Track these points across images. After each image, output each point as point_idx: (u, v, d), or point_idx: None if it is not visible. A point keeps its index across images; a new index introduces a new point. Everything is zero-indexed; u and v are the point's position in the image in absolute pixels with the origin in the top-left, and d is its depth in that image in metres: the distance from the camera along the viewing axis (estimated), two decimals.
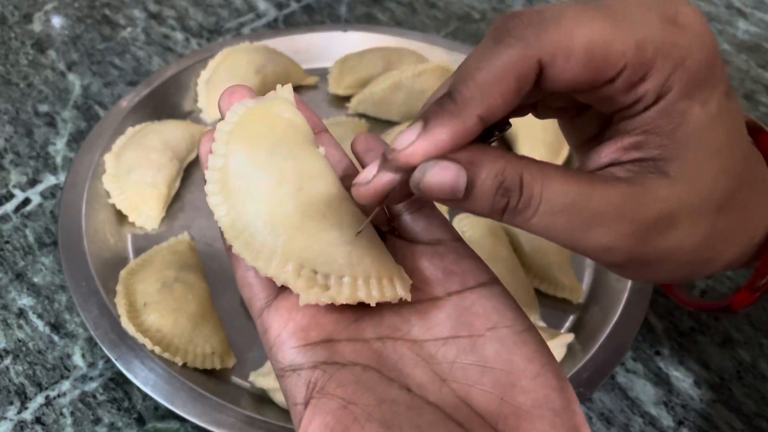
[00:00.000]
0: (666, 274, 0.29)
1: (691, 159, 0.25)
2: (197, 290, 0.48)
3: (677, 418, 0.47)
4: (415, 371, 0.27)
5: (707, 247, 0.27)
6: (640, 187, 0.26)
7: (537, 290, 0.52)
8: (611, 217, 0.25)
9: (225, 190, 0.28)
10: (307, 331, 0.27)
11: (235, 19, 0.76)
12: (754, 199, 0.28)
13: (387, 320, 0.28)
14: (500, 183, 0.25)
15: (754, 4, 0.82)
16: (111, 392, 0.46)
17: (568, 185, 0.25)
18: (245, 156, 0.29)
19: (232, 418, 0.42)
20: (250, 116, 0.30)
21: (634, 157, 0.26)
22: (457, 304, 0.28)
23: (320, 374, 0.26)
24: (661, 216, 0.26)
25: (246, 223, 0.27)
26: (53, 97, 0.65)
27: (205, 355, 0.46)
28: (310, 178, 0.29)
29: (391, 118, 0.64)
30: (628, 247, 0.26)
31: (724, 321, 0.53)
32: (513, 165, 0.25)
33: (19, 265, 0.53)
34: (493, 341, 0.27)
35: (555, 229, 0.26)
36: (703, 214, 0.26)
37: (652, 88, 0.25)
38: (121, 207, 0.54)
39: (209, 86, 0.63)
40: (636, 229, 0.26)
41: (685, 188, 0.26)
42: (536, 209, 0.25)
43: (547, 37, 0.24)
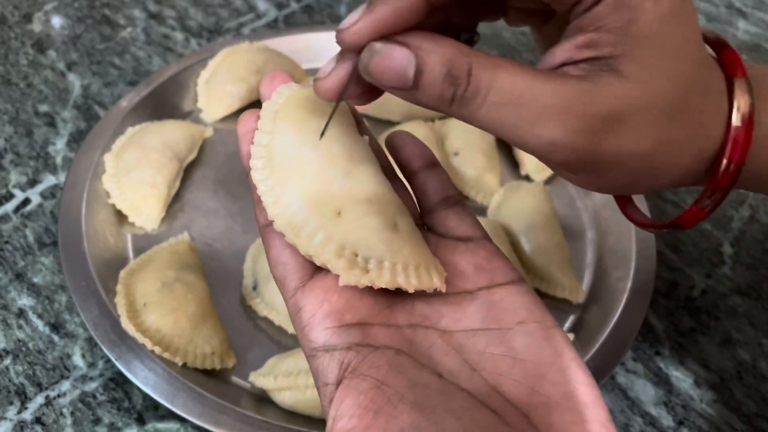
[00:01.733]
0: (615, 181, 0.28)
1: (643, 57, 0.25)
2: (197, 290, 0.48)
3: (677, 418, 0.47)
4: (446, 359, 0.27)
5: (657, 154, 0.27)
6: (592, 83, 0.25)
7: (537, 290, 0.52)
8: (560, 110, 0.25)
9: (270, 167, 0.28)
10: (342, 312, 0.28)
11: (235, 19, 0.76)
12: (707, 108, 0.27)
13: (418, 309, 0.28)
14: (449, 70, 0.25)
15: (754, 4, 0.82)
16: (111, 392, 0.46)
17: (518, 76, 0.25)
18: (293, 135, 0.29)
19: (232, 418, 0.42)
20: (297, 98, 0.30)
21: (587, 56, 0.26)
22: (486, 299, 0.28)
23: (354, 355, 0.27)
24: (612, 113, 0.25)
25: (290, 201, 0.27)
26: (53, 97, 0.65)
27: (205, 355, 0.46)
28: (357, 163, 0.29)
29: (391, 118, 0.64)
30: (576, 144, 0.25)
31: (724, 321, 0.53)
32: (463, 53, 0.25)
33: (19, 265, 0.53)
34: (523, 335, 0.27)
35: (502, 123, 0.25)
36: (653, 117, 0.26)
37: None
38: (121, 207, 0.54)
39: (209, 86, 0.63)
40: (585, 125, 0.25)
41: (636, 87, 0.25)
42: (484, 99, 0.25)
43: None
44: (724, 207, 0.61)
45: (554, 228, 0.55)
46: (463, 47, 0.25)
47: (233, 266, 0.53)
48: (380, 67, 0.25)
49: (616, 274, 0.52)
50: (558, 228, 0.55)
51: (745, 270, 0.56)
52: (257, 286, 0.51)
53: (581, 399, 0.26)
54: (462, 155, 0.59)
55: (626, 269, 0.51)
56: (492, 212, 0.57)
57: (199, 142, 0.60)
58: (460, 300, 0.29)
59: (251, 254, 0.53)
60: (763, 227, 0.59)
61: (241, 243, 0.54)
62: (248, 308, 0.51)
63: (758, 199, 0.62)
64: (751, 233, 0.59)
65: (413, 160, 0.33)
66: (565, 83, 0.25)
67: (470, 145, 0.60)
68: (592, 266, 0.55)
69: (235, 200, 0.57)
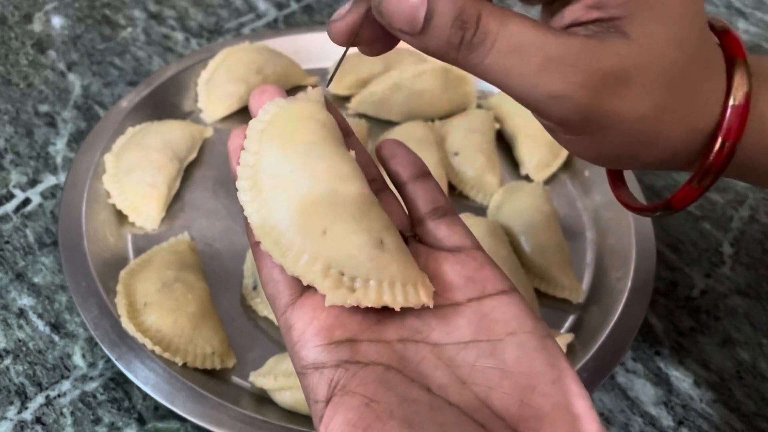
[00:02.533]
0: (612, 148, 0.28)
1: (648, 21, 0.26)
2: (197, 290, 0.48)
3: (677, 418, 0.47)
4: (436, 373, 0.27)
5: (654, 120, 0.27)
6: (599, 41, 0.26)
7: (537, 290, 0.52)
8: (566, 62, 0.25)
9: (256, 188, 0.28)
10: (331, 330, 0.28)
11: (235, 19, 0.76)
12: (706, 82, 0.28)
13: (408, 323, 0.28)
14: (458, 14, 0.25)
15: (754, 4, 0.82)
16: (111, 392, 0.46)
17: (527, 27, 0.25)
18: (278, 154, 0.29)
19: (232, 418, 0.42)
20: (283, 115, 0.30)
21: (594, 17, 0.26)
22: (476, 310, 0.28)
23: (343, 372, 0.27)
24: (615, 71, 0.26)
25: (276, 221, 0.28)
26: (53, 97, 0.65)
27: (205, 355, 0.46)
28: (343, 181, 0.29)
29: (391, 118, 0.64)
30: (577, 97, 0.26)
31: (724, 321, 0.53)
32: (474, 0, 0.25)
33: (19, 265, 0.53)
34: (513, 346, 0.27)
35: (507, 71, 0.25)
36: (654, 80, 0.26)
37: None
38: (121, 207, 0.54)
39: (209, 86, 0.63)
40: (589, 80, 0.25)
41: (640, 49, 0.26)
42: (492, 45, 0.25)
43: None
44: (724, 207, 0.61)
45: (554, 228, 0.55)
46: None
47: (233, 266, 0.53)
48: (392, 6, 0.25)
49: (616, 274, 0.52)
50: (558, 228, 0.55)
51: (745, 270, 0.56)
52: (257, 285, 0.51)
53: (573, 411, 0.26)
54: (462, 155, 0.59)
55: (626, 269, 0.51)
56: (492, 212, 0.57)
57: (199, 142, 0.60)
58: (451, 312, 0.28)
59: (251, 254, 0.53)
60: (762, 227, 0.59)
61: (241, 243, 0.54)
62: (248, 308, 0.51)
63: (758, 199, 0.62)
64: (751, 233, 0.59)
65: (403, 170, 0.33)
66: (572, 38, 0.25)
67: (470, 145, 0.60)
68: (591, 266, 0.55)
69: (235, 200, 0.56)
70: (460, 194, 0.59)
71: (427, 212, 0.31)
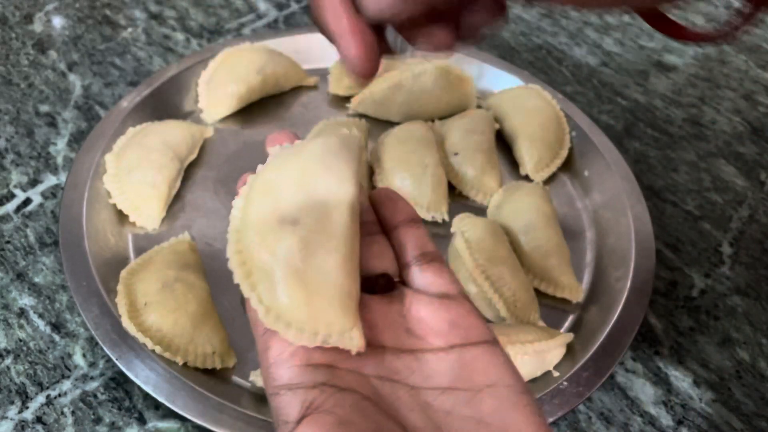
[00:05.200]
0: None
1: None
2: (198, 290, 0.48)
3: (677, 417, 0.47)
4: (411, 415, 0.27)
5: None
6: None
7: (537, 290, 0.52)
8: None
9: (246, 198, 0.30)
10: (310, 353, 0.27)
11: (236, 20, 0.76)
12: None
13: (387, 362, 0.28)
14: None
15: None
16: (112, 392, 0.46)
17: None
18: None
19: (233, 417, 0.42)
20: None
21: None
22: (458, 357, 0.28)
23: (318, 394, 0.26)
24: None
25: (253, 268, 0.28)
26: (54, 97, 0.66)
27: (205, 354, 0.46)
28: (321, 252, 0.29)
29: (391, 118, 0.64)
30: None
31: (724, 321, 0.53)
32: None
33: (20, 265, 0.53)
34: (492, 398, 0.27)
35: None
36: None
37: None
38: (122, 207, 0.54)
39: (210, 87, 0.63)
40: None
41: None
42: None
43: None
44: (723, 207, 0.61)
45: (554, 228, 0.55)
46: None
47: None
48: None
49: (616, 274, 0.52)
50: (557, 228, 0.55)
51: (745, 270, 0.56)
52: None
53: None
54: (462, 155, 0.60)
55: (625, 269, 0.52)
56: (492, 212, 0.57)
57: (199, 142, 0.60)
58: (432, 357, 0.28)
59: None
60: (762, 227, 0.59)
61: None
62: None
63: (757, 199, 0.62)
64: (751, 233, 0.59)
65: (393, 215, 0.33)
66: None
67: (470, 145, 0.60)
68: (591, 266, 0.55)
69: None
70: (460, 194, 0.59)
71: (414, 257, 0.31)
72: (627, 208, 0.55)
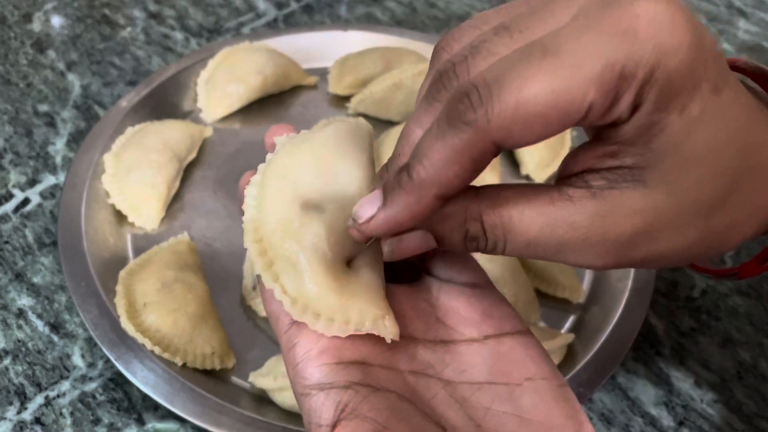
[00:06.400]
0: (663, 265, 0.27)
1: (670, 167, 0.23)
2: (197, 290, 0.48)
3: (678, 418, 0.47)
4: (449, 412, 0.26)
5: (703, 244, 0.25)
6: (610, 202, 0.24)
7: (537, 290, 0.52)
8: (580, 241, 0.24)
9: (260, 185, 0.28)
10: (340, 349, 0.26)
11: (235, 19, 0.76)
12: (762, 183, 0.25)
13: (420, 355, 0.27)
14: (465, 233, 0.25)
15: (754, 4, 0.82)
16: (110, 392, 0.46)
17: (529, 220, 0.24)
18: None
19: (232, 418, 0.42)
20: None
21: (609, 165, 0.24)
22: (493, 349, 0.27)
23: (353, 395, 0.25)
24: (637, 231, 0.24)
25: (276, 257, 0.27)
26: (53, 96, 0.65)
27: (204, 355, 0.46)
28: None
29: (390, 118, 0.64)
30: (606, 263, 0.25)
31: (725, 321, 0.52)
32: (471, 211, 0.25)
33: (18, 265, 0.53)
34: (531, 392, 0.26)
35: (530, 256, 0.26)
36: (688, 222, 0.24)
37: (624, 109, 0.23)
38: (121, 207, 0.54)
39: (209, 86, 0.63)
40: (610, 247, 0.24)
41: (663, 198, 0.24)
42: (504, 247, 0.25)
43: (498, 119, 0.22)
44: None
45: None
46: (470, 201, 0.25)
47: (233, 266, 0.53)
48: (403, 252, 0.26)
49: (617, 274, 0.52)
50: None
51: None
52: (257, 286, 0.51)
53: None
54: None
55: (626, 269, 0.51)
56: None
57: (198, 142, 0.60)
58: (466, 349, 0.27)
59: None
60: None
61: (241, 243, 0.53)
62: (248, 308, 0.50)
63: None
64: None
65: None
66: (578, 210, 0.24)
67: None
68: None
69: (235, 200, 0.57)
70: None
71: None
72: None
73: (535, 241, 0.25)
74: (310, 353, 0.26)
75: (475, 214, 0.25)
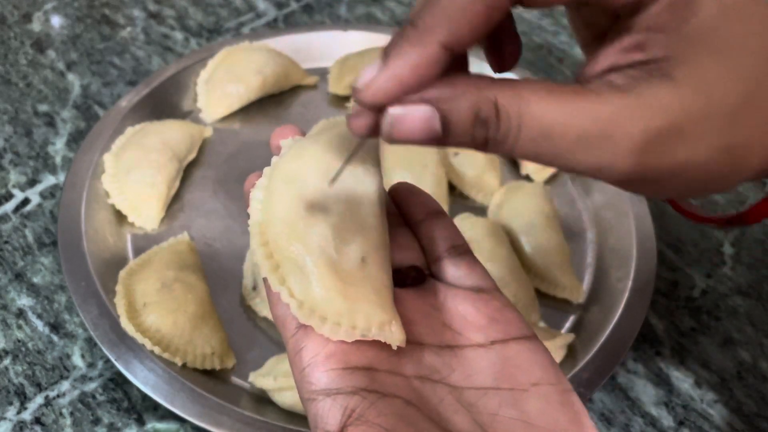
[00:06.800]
0: (676, 190, 0.26)
1: (700, 59, 0.22)
2: (197, 290, 0.48)
3: (678, 418, 0.47)
4: (456, 418, 0.26)
5: (723, 160, 0.24)
6: (637, 96, 0.22)
7: (537, 290, 0.52)
8: (599, 135, 0.22)
9: (268, 189, 0.28)
10: (347, 354, 0.26)
11: (235, 19, 0.76)
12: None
13: (427, 360, 0.27)
14: (476, 115, 0.23)
15: None
16: (110, 392, 0.46)
17: (548, 104, 0.23)
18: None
19: (232, 418, 0.42)
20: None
21: (635, 60, 0.23)
22: (499, 354, 0.27)
23: (359, 400, 0.24)
24: (664, 127, 0.22)
25: (282, 260, 0.27)
26: (53, 96, 0.65)
27: (204, 355, 0.46)
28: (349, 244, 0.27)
29: None
30: (626, 165, 0.23)
31: (725, 321, 0.52)
32: (486, 93, 0.23)
33: (18, 265, 0.53)
34: (537, 397, 0.26)
35: (541, 155, 0.24)
36: (713, 124, 0.23)
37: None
38: (121, 207, 0.54)
39: (209, 86, 0.63)
40: (634, 146, 0.23)
41: (690, 94, 0.22)
42: (517, 137, 0.23)
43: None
44: (725, 207, 0.61)
45: (554, 228, 0.55)
46: (485, 83, 0.23)
47: (233, 266, 0.53)
48: (404, 132, 0.24)
49: (617, 274, 0.52)
50: (558, 228, 0.55)
51: (746, 270, 0.56)
52: (257, 286, 0.51)
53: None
54: (462, 155, 0.59)
55: (627, 269, 0.51)
56: (492, 212, 0.57)
57: (198, 142, 0.60)
58: (472, 354, 0.27)
59: (251, 254, 0.53)
60: (763, 227, 0.59)
61: (241, 243, 0.54)
62: (248, 308, 0.50)
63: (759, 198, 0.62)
64: (752, 233, 0.59)
65: (417, 209, 0.31)
66: (602, 102, 0.23)
67: None
68: (592, 266, 0.55)
69: (235, 200, 0.57)
70: (460, 194, 0.59)
71: (446, 249, 0.30)
72: (628, 208, 0.55)
73: (552, 131, 0.23)
74: (317, 358, 0.26)
75: (490, 95, 0.23)
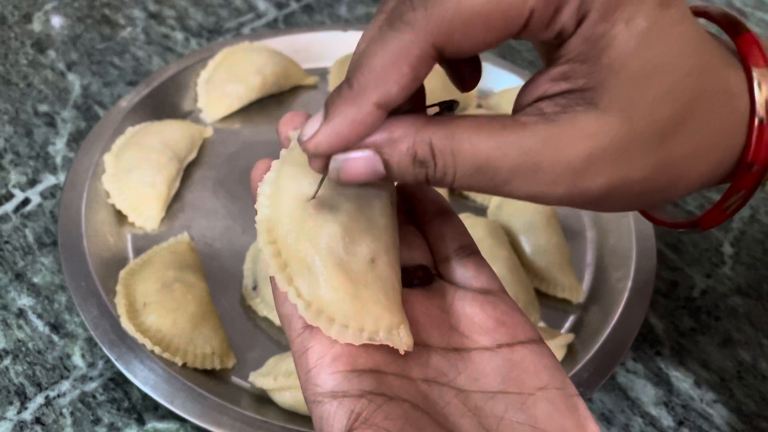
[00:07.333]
0: (620, 205, 0.26)
1: (622, 85, 0.23)
2: (197, 290, 0.48)
3: (677, 418, 0.47)
4: (462, 421, 0.26)
5: (659, 176, 0.25)
6: (563, 125, 0.23)
7: (537, 290, 0.52)
8: (529, 168, 0.23)
9: (274, 184, 0.28)
10: (354, 356, 0.26)
11: (235, 19, 0.76)
12: (717, 113, 0.25)
13: (434, 362, 0.27)
14: (414, 157, 0.24)
15: (754, 4, 0.82)
16: (111, 392, 0.46)
17: (479, 142, 0.24)
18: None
19: (232, 418, 0.42)
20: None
21: (562, 89, 0.24)
22: (506, 357, 0.27)
23: (366, 404, 0.24)
24: (590, 155, 0.23)
25: (290, 259, 0.26)
26: (53, 97, 0.65)
27: (204, 355, 0.46)
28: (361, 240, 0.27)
29: None
30: (560, 191, 0.24)
31: (725, 321, 0.52)
32: (422, 135, 0.24)
33: (18, 265, 0.53)
34: (544, 402, 0.26)
35: (481, 186, 0.25)
36: (644, 146, 0.24)
37: (567, 19, 0.23)
38: (121, 207, 0.54)
39: (209, 86, 0.63)
40: (562, 174, 0.23)
41: (616, 120, 0.23)
42: (454, 174, 0.24)
43: (438, 17, 0.22)
44: None
45: (554, 228, 0.55)
46: (420, 124, 0.24)
47: (233, 266, 0.53)
48: (350, 175, 0.25)
49: (617, 274, 0.52)
50: (558, 228, 0.55)
51: (746, 270, 0.56)
52: (257, 286, 0.51)
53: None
54: None
55: (626, 269, 0.51)
56: (492, 212, 0.57)
57: (198, 142, 0.60)
58: (479, 357, 0.27)
59: (251, 254, 0.53)
60: (763, 227, 0.59)
61: (241, 243, 0.54)
62: (248, 308, 0.50)
63: (758, 199, 0.62)
64: (752, 233, 0.59)
65: (425, 207, 0.31)
66: (529, 133, 0.24)
67: None
68: (592, 266, 0.55)
69: (235, 200, 0.57)
70: (460, 194, 0.59)
71: (454, 249, 0.30)
72: None
73: (486, 166, 0.24)
74: (324, 360, 0.25)
75: (425, 137, 0.24)
